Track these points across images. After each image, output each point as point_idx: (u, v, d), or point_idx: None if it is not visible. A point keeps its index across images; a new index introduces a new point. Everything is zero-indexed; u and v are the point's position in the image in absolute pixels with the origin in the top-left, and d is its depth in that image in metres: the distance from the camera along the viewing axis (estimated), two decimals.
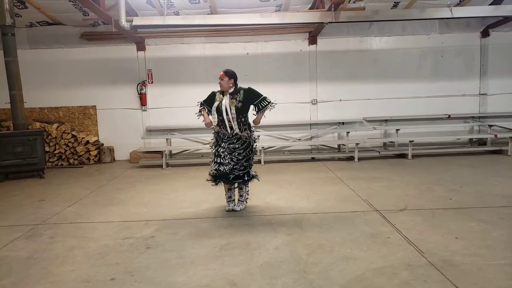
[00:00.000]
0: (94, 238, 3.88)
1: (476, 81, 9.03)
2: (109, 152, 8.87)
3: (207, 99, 4.65)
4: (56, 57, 8.85)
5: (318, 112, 9.03)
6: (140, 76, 8.92)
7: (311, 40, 8.84)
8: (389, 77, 8.98)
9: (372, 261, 3.09)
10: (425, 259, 3.09)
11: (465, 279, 2.74)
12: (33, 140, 7.10)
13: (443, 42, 8.91)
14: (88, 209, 5.00)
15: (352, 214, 4.35)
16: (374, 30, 8.83)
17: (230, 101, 4.39)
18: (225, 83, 4.42)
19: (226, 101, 4.39)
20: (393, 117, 8.90)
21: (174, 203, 5.15)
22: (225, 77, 4.40)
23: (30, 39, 8.72)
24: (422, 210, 4.39)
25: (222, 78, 4.41)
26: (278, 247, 3.47)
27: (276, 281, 2.83)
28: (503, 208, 4.39)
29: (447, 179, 5.95)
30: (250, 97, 4.45)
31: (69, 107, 9.01)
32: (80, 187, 6.30)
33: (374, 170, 6.95)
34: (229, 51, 8.90)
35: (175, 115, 8.94)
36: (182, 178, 6.89)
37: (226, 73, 4.42)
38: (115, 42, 8.81)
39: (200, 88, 8.64)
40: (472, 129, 9.27)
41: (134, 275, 3.02)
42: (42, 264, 3.29)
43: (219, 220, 4.32)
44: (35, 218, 4.65)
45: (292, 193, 5.43)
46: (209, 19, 7.46)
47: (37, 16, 8.14)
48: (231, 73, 4.43)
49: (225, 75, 4.40)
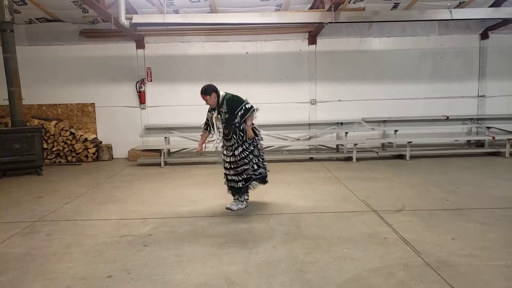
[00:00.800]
0: (92, 236, 3.88)
1: (474, 83, 9.05)
2: (108, 150, 8.86)
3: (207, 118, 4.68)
4: (55, 54, 8.83)
5: (317, 112, 9.04)
6: (139, 74, 8.91)
7: (310, 40, 8.84)
8: (388, 78, 9.00)
9: (369, 261, 3.10)
10: (422, 259, 3.11)
11: (461, 280, 2.75)
12: (31, 137, 7.09)
13: (443, 43, 8.93)
14: (85, 206, 5.00)
15: (350, 214, 4.36)
16: (374, 31, 8.84)
17: (216, 118, 4.45)
18: (210, 101, 4.43)
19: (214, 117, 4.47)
20: (391, 118, 8.91)
21: (172, 201, 5.16)
22: (206, 96, 4.40)
23: (29, 36, 8.70)
24: (420, 211, 4.40)
25: (204, 99, 4.42)
26: (276, 246, 3.48)
27: (273, 280, 2.84)
28: (500, 209, 4.40)
29: (444, 180, 5.97)
30: (233, 105, 4.41)
31: (67, 105, 8.99)
32: (78, 185, 6.29)
33: (372, 170, 6.96)
34: (228, 50, 8.90)
35: (174, 114, 8.94)
36: (180, 176, 6.89)
37: (205, 91, 4.39)
38: (114, 40, 8.79)
39: (199, 87, 8.58)
40: (470, 130, 9.30)
41: (131, 272, 3.02)
42: (39, 261, 3.29)
43: (217, 219, 4.33)
44: (33, 215, 4.65)
45: (290, 193, 5.44)
46: (209, 17, 7.46)
47: (36, 13, 8.12)
48: (208, 89, 4.40)
49: (205, 95, 4.39)
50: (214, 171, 7.08)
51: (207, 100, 4.43)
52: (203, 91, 4.41)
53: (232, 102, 4.42)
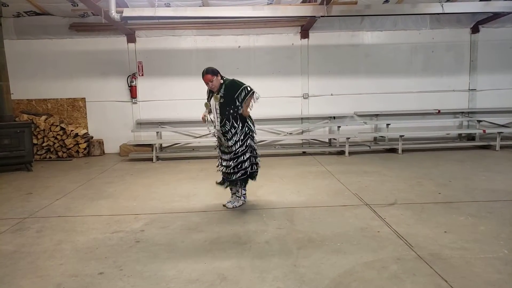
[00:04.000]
0: (83, 232, 3.84)
1: (465, 77, 9.11)
2: (99, 145, 8.77)
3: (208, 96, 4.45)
4: (44, 48, 8.69)
5: (310, 106, 9.03)
6: (131, 68, 8.81)
7: (303, 34, 8.81)
8: (380, 72, 9.01)
9: (362, 255, 3.11)
10: (414, 252, 3.12)
11: (454, 273, 2.77)
12: (20, 132, 6.99)
13: (434, 37, 8.96)
14: (76, 202, 4.94)
15: (343, 208, 4.37)
16: (366, 25, 8.83)
17: (214, 97, 4.26)
18: (216, 82, 4.20)
19: (212, 100, 4.29)
20: (383, 111, 8.94)
21: (164, 196, 5.12)
22: (213, 77, 4.16)
23: (18, 30, 8.54)
24: (412, 204, 4.42)
25: (210, 80, 4.16)
26: (269, 241, 3.47)
27: (266, 275, 2.83)
28: (491, 202, 4.44)
29: (436, 174, 6.01)
30: (232, 89, 4.22)
31: (57, 99, 8.87)
32: (68, 181, 6.22)
33: (365, 164, 6.98)
34: (220, 43, 8.84)
35: (165, 108, 8.87)
36: (172, 171, 6.84)
37: (212, 72, 4.16)
38: (105, 34, 8.67)
39: (191, 81, 8.65)
40: (461, 124, 9.38)
41: (123, 269, 2.99)
42: (29, 259, 3.25)
43: (209, 214, 4.31)
44: (22, 211, 4.59)
45: (283, 187, 5.43)
46: (200, 11, 7.38)
47: (24, 6, 7.96)
48: (215, 70, 4.21)
49: (212, 75, 4.14)
50: (206, 166, 7.05)
51: (212, 81, 4.16)
52: (210, 71, 4.15)
53: (231, 85, 4.24)
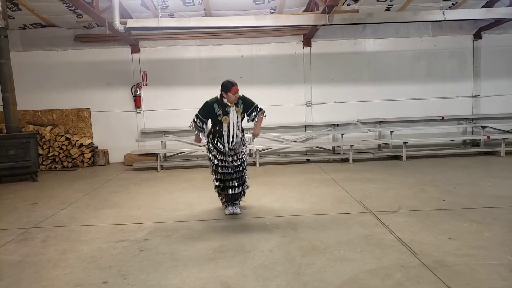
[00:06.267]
0: (87, 241, 3.86)
1: (469, 83, 9.09)
2: (104, 155, 8.82)
3: (205, 112, 4.36)
4: (49, 60, 8.80)
5: (313, 114, 9.05)
6: (135, 78, 8.89)
7: (305, 42, 8.86)
8: (383, 79, 9.02)
9: (366, 262, 3.09)
10: (418, 260, 3.11)
11: (458, 280, 2.75)
12: (26, 143, 7.04)
13: (436, 44, 8.97)
14: (81, 212, 4.97)
15: (346, 216, 4.36)
16: (368, 33, 8.88)
17: (237, 111, 4.30)
18: (237, 95, 4.26)
19: (233, 113, 4.26)
20: (387, 118, 8.93)
21: (168, 205, 5.14)
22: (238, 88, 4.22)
23: (24, 41, 8.68)
24: (416, 211, 4.40)
25: (236, 91, 4.19)
26: (272, 249, 3.47)
27: (270, 283, 2.83)
28: (496, 208, 4.41)
29: (440, 180, 5.98)
30: (246, 104, 4.39)
31: (63, 110, 8.96)
32: (73, 190, 6.26)
33: (369, 171, 6.97)
34: (223, 53, 8.91)
35: (170, 117, 8.92)
36: (176, 180, 6.86)
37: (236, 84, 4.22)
38: (109, 44, 8.78)
39: (195, 90, 8.74)
40: (465, 130, 9.33)
41: (127, 278, 3.00)
42: (34, 268, 3.26)
43: (213, 223, 4.31)
44: (28, 221, 4.62)
45: (286, 195, 5.43)
46: (203, 21, 7.46)
47: (30, 18, 8.10)
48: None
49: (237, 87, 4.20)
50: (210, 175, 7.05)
51: (236, 93, 4.22)
52: (235, 83, 4.21)
53: (244, 100, 4.39)
